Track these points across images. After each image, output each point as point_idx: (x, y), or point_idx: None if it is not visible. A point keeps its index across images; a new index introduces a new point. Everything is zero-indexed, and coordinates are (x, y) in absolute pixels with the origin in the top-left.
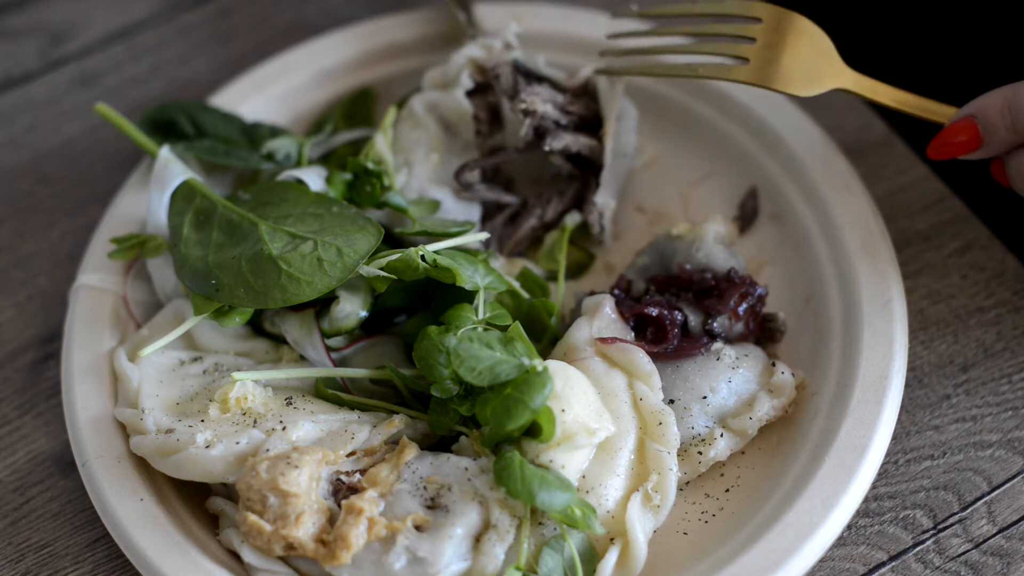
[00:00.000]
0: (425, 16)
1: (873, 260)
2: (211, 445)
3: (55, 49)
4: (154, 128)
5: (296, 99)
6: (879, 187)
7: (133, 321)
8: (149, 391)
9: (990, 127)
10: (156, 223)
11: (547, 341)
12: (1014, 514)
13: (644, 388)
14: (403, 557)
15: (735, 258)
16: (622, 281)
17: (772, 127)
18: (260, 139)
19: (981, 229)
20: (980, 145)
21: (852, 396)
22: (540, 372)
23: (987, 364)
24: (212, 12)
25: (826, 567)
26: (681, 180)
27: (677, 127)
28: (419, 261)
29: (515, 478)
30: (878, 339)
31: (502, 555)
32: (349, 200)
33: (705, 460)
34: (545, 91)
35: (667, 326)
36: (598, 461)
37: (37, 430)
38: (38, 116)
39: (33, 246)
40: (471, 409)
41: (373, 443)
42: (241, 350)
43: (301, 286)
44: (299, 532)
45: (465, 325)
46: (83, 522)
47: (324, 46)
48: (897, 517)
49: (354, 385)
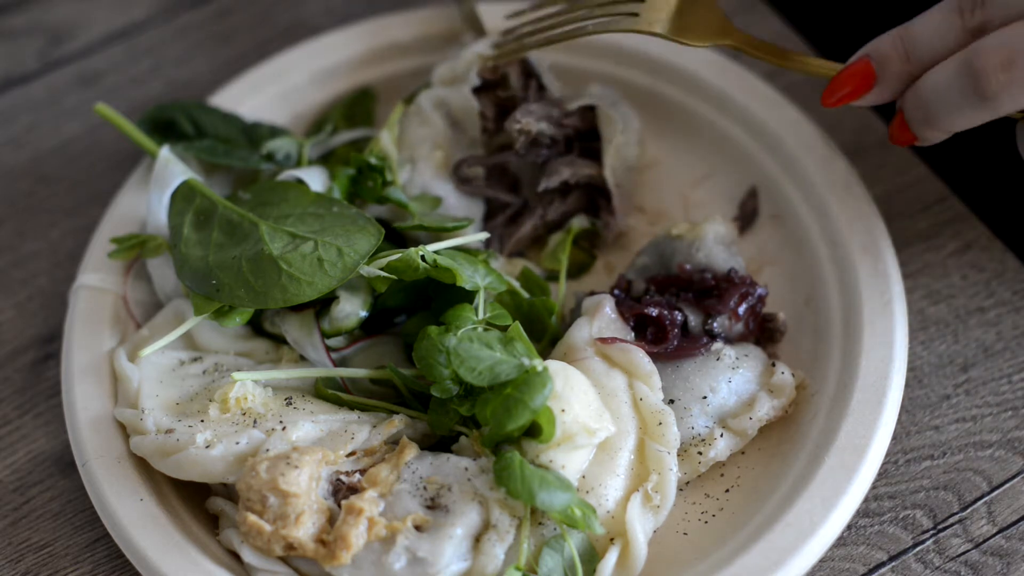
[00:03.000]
0: (425, 15)
1: (873, 260)
2: (211, 445)
3: (55, 49)
4: (154, 128)
5: (296, 99)
6: (879, 187)
7: (133, 321)
8: (149, 391)
9: (884, 60)
10: (156, 223)
11: (547, 341)
12: (1014, 514)
13: (644, 388)
14: (403, 557)
15: (735, 258)
16: (622, 281)
17: (772, 127)
18: (260, 139)
19: (981, 229)
20: (874, 82)
21: (852, 396)
22: (540, 372)
23: (987, 364)
24: (212, 12)
25: (826, 567)
26: (681, 180)
27: (677, 127)
28: (419, 261)
29: (515, 478)
30: (878, 339)
31: (502, 555)
32: (352, 195)
33: (705, 460)
34: (540, 108)
35: (667, 326)
36: (598, 461)
37: (37, 430)
38: (38, 116)
39: (33, 246)
40: (471, 409)
41: (373, 443)
42: (241, 350)
43: (301, 286)
44: (299, 532)
45: (465, 325)
46: (83, 522)
47: (324, 46)
48: (897, 517)
49: (354, 385)
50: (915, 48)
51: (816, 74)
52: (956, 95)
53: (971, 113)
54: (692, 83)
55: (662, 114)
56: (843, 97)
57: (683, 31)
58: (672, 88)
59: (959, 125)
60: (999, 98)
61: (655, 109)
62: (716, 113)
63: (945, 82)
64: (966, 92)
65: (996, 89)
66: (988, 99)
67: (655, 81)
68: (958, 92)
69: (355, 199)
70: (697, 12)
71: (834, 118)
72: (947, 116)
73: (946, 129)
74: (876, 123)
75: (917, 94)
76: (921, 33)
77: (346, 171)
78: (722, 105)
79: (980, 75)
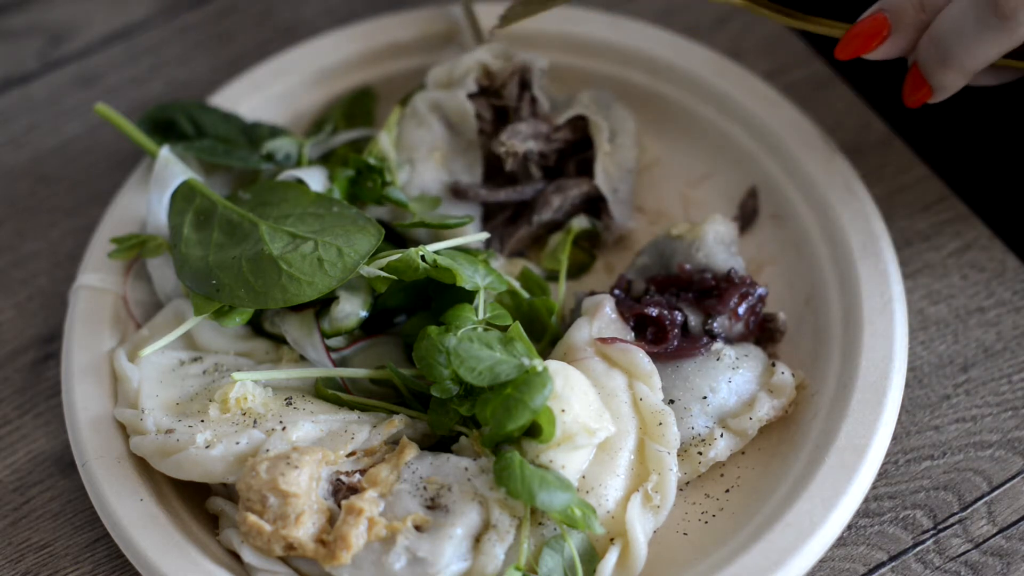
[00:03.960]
0: (425, 16)
1: (873, 260)
2: (211, 445)
3: (55, 49)
4: (154, 128)
5: (296, 99)
6: (879, 187)
7: (133, 321)
8: (149, 391)
9: (898, 10)
10: (156, 223)
11: (547, 341)
12: (1014, 514)
13: (644, 388)
14: (403, 557)
15: (735, 258)
16: (622, 281)
17: (772, 127)
18: (260, 139)
19: (981, 229)
20: (888, 32)
21: (852, 396)
22: (540, 372)
23: (987, 364)
24: (212, 12)
25: (826, 567)
26: (681, 180)
27: (677, 127)
28: (419, 261)
29: (515, 478)
30: (878, 339)
31: (502, 555)
32: (351, 196)
33: (705, 460)
34: (528, 127)
35: (667, 326)
36: (598, 461)
37: (37, 430)
38: (38, 116)
39: (33, 246)
40: (471, 409)
41: (373, 443)
42: (241, 350)
43: (301, 286)
44: (299, 532)
45: (465, 325)
46: (83, 522)
47: (324, 46)
48: (897, 517)
49: (354, 385)
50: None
51: (825, 32)
52: (972, 21)
53: (989, 40)
54: (692, 83)
55: (662, 114)
56: (856, 49)
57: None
58: (672, 88)
59: (977, 58)
60: (1018, 15)
61: (655, 109)
62: (716, 113)
63: (960, 11)
64: (982, 16)
65: (1015, 5)
66: (1007, 18)
67: (655, 81)
68: (974, 19)
69: (355, 200)
70: None
71: (834, 118)
72: (964, 49)
73: (963, 65)
74: (876, 123)
75: (932, 33)
76: None
77: (345, 172)
78: (722, 105)
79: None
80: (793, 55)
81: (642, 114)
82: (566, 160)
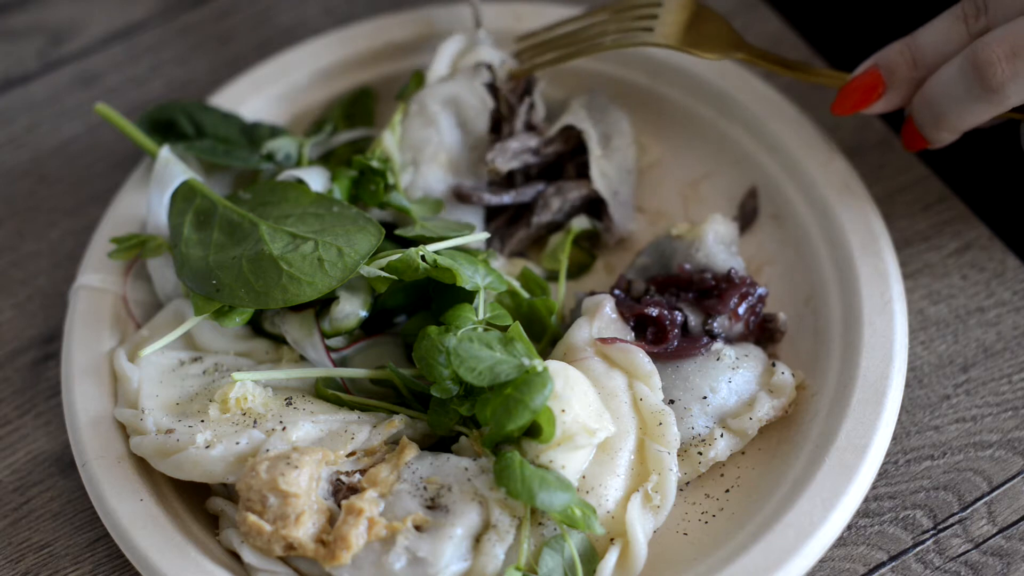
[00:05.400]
0: (425, 15)
1: (873, 260)
2: (211, 445)
3: (55, 49)
4: (154, 128)
5: (296, 99)
6: (879, 187)
7: (133, 321)
8: (149, 391)
9: (892, 68)
10: (156, 223)
11: (547, 341)
12: (1014, 514)
13: (644, 388)
14: (403, 557)
15: (735, 258)
16: (622, 281)
17: (772, 127)
18: (260, 139)
19: (981, 229)
20: (883, 90)
21: (852, 396)
22: (540, 372)
23: (987, 364)
24: (212, 12)
25: (826, 567)
26: (681, 180)
27: (677, 127)
28: (419, 261)
29: (515, 478)
30: (878, 339)
31: (502, 555)
32: (354, 197)
33: (705, 460)
34: (518, 143)
35: (667, 326)
36: (598, 461)
37: (37, 430)
38: (38, 116)
39: (33, 246)
40: (471, 409)
41: (373, 443)
42: (241, 350)
43: (302, 286)
44: (299, 532)
45: (465, 325)
46: (83, 522)
47: (324, 46)
48: (897, 517)
49: (354, 385)
50: (922, 55)
51: (825, 84)
52: (962, 90)
53: (978, 108)
54: (692, 83)
55: (662, 114)
56: (853, 105)
57: (696, 44)
58: (672, 88)
59: (967, 122)
60: (1005, 89)
61: (655, 109)
62: (716, 113)
63: (951, 79)
64: (972, 86)
65: (1002, 80)
66: (994, 91)
67: (655, 81)
68: (964, 87)
69: (357, 202)
70: (707, 26)
71: (834, 118)
72: (955, 113)
73: (954, 127)
74: (876, 123)
75: (924, 95)
76: (927, 40)
77: (348, 173)
78: (722, 105)
79: (985, 67)
80: (793, 55)
81: (642, 114)
82: (565, 163)
